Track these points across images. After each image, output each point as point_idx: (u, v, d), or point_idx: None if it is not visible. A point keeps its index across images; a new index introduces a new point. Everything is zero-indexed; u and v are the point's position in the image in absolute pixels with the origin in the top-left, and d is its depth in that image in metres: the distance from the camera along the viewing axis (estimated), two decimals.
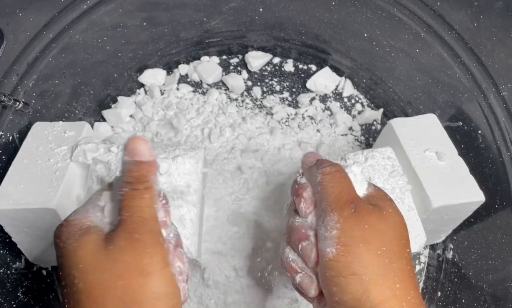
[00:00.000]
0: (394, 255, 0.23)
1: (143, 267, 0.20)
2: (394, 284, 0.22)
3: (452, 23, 0.42)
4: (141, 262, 0.21)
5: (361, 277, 0.22)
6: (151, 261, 0.21)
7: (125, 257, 0.21)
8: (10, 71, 0.38)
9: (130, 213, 0.22)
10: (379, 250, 0.22)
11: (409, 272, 0.23)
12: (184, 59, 0.58)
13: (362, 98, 0.57)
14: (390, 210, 0.25)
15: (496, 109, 0.39)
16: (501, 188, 0.38)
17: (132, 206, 0.22)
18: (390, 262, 0.22)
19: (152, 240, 0.21)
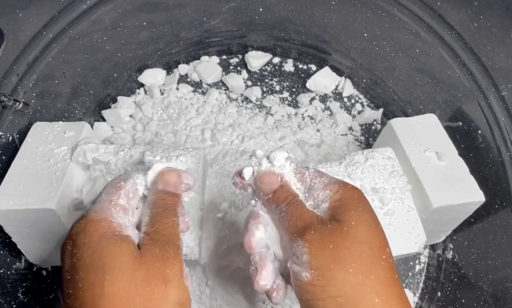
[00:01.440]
0: (367, 269, 0.22)
1: (166, 276, 0.22)
2: (372, 300, 0.21)
3: (452, 23, 0.42)
4: (166, 270, 0.22)
5: (336, 299, 0.22)
6: (172, 270, 0.23)
7: (156, 264, 0.22)
8: (10, 71, 0.38)
9: (162, 228, 0.24)
10: (351, 268, 0.22)
11: (389, 281, 0.22)
12: (184, 59, 0.58)
13: (362, 98, 0.57)
14: (353, 222, 0.23)
15: (496, 109, 0.39)
16: (501, 188, 0.38)
17: (164, 222, 0.25)
18: (365, 277, 0.22)
19: (175, 253, 0.24)
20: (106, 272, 0.21)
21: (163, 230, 0.24)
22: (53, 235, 0.36)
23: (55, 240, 0.37)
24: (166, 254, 0.23)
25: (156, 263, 0.22)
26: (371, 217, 0.24)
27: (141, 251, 0.23)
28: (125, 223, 0.25)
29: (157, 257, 0.23)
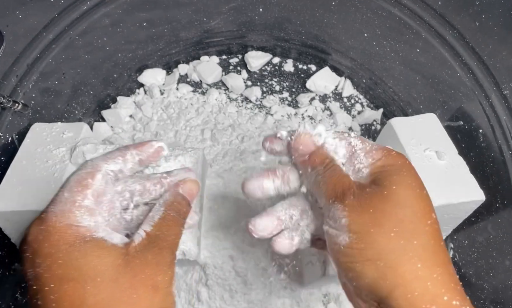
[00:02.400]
0: (410, 233, 0.21)
1: (155, 283, 0.21)
2: (414, 265, 0.20)
3: (453, 23, 0.42)
4: (157, 278, 0.21)
5: (375, 263, 0.21)
6: (163, 278, 0.22)
7: (146, 270, 0.21)
8: (10, 73, 0.38)
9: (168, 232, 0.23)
10: (392, 232, 0.21)
11: (433, 248, 0.21)
12: (183, 59, 0.58)
13: (362, 98, 0.56)
14: (394, 187, 0.22)
15: (497, 108, 0.39)
16: (502, 187, 0.38)
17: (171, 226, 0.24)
18: (407, 242, 0.21)
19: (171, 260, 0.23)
20: (86, 282, 0.20)
21: (168, 236, 0.23)
22: None
23: None
24: (162, 260, 0.22)
25: (146, 269, 0.21)
26: (415, 181, 0.23)
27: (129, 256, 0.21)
28: (95, 224, 0.23)
29: (148, 263, 0.21)
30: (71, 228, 0.21)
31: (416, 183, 0.23)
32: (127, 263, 0.21)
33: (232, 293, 0.39)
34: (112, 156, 0.25)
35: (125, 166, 0.26)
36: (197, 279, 0.39)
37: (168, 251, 0.23)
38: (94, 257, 0.21)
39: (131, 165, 0.26)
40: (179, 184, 0.26)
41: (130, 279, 0.21)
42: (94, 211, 0.23)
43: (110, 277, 0.20)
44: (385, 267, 0.20)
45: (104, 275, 0.20)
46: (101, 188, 0.24)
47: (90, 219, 0.22)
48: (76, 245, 0.21)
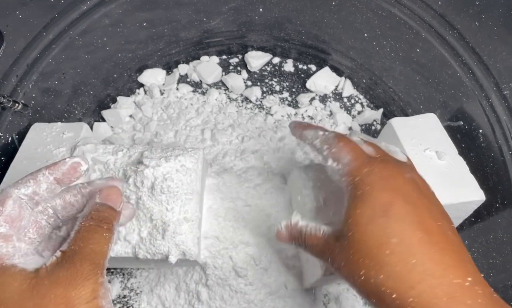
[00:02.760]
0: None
1: (69, 300, 0.20)
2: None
3: (453, 23, 0.42)
4: (70, 294, 0.20)
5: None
6: (79, 293, 0.20)
7: (55, 289, 0.20)
8: (10, 73, 0.38)
9: (84, 244, 0.22)
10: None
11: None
12: (183, 59, 0.58)
13: (362, 98, 0.56)
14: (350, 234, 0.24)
15: (497, 108, 0.39)
16: (502, 187, 0.38)
17: (90, 238, 0.23)
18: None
19: (89, 272, 0.21)
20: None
21: (84, 247, 0.22)
22: None
23: None
24: (77, 274, 0.21)
25: (56, 288, 0.20)
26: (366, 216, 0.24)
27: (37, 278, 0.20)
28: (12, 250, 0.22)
29: (58, 281, 0.20)
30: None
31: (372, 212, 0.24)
32: (34, 287, 0.20)
33: (232, 293, 0.39)
34: (23, 181, 0.25)
35: (39, 187, 0.25)
36: (197, 279, 0.39)
37: (85, 262, 0.21)
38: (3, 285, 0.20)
39: (45, 185, 0.25)
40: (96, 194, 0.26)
41: (37, 302, 0.20)
42: (11, 237, 0.22)
43: (15, 303, 0.20)
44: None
45: (8, 303, 0.20)
46: (14, 213, 0.23)
47: (6, 245, 0.22)
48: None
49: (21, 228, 0.23)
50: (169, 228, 0.32)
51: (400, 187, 0.24)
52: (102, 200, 0.25)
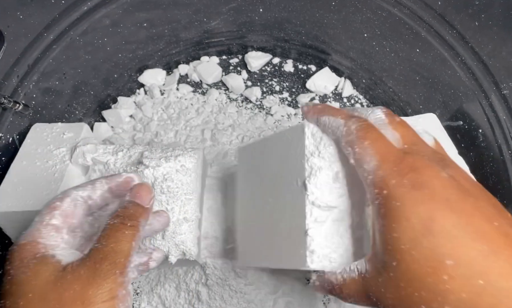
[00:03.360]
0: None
1: (86, 298, 0.20)
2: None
3: (453, 23, 0.42)
4: (87, 292, 0.20)
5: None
6: (96, 292, 0.21)
7: (75, 285, 0.21)
8: (11, 73, 0.38)
9: (106, 243, 0.22)
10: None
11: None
12: (184, 59, 0.58)
13: (361, 98, 0.56)
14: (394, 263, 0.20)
15: (497, 107, 0.39)
16: (502, 187, 0.38)
17: (111, 236, 0.23)
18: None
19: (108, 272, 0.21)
20: (20, 297, 0.20)
21: (106, 245, 0.22)
22: None
23: None
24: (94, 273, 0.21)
25: (75, 284, 0.20)
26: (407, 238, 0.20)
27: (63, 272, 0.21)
28: (55, 243, 0.23)
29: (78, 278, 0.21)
30: (30, 244, 0.22)
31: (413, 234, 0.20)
32: (58, 280, 0.21)
33: (232, 293, 0.39)
34: (82, 185, 0.26)
35: (94, 192, 0.26)
36: (197, 279, 0.39)
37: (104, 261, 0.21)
38: (33, 272, 0.21)
39: (100, 192, 0.26)
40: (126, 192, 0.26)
41: (57, 296, 0.20)
42: (62, 230, 0.24)
43: (40, 294, 0.20)
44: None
45: (35, 291, 0.20)
46: (69, 210, 0.24)
47: (56, 236, 0.23)
48: (25, 261, 0.21)
49: (72, 225, 0.25)
50: (169, 228, 0.32)
51: (438, 193, 0.19)
52: (132, 198, 0.26)
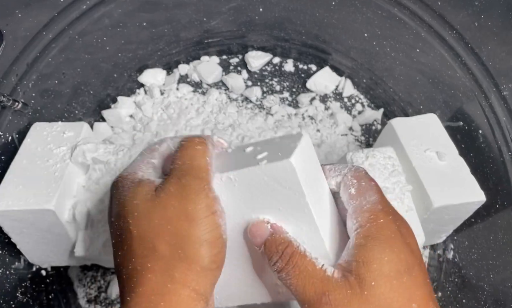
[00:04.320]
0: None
1: (188, 213, 0.21)
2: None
3: (453, 23, 0.42)
4: (187, 208, 0.21)
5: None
6: (195, 207, 0.21)
7: (173, 202, 0.21)
8: (10, 72, 0.38)
9: (182, 162, 0.23)
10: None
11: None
12: (184, 59, 0.58)
13: (362, 98, 0.56)
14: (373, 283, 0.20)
15: (497, 109, 0.39)
16: (502, 188, 0.38)
17: (184, 155, 0.23)
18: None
19: (197, 187, 0.22)
20: (128, 217, 0.22)
21: (183, 164, 0.23)
22: (52, 235, 0.36)
23: (55, 240, 0.37)
24: (183, 189, 0.22)
25: (173, 201, 0.21)
26: (394, 268, 0.20)
27: (156, 190, 0.22)
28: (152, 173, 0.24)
29: (171, 195, 0.22)
30: (132, 175, 0.24)
31: (395, 272, 0.20)
32: (154, 198, 0.22)
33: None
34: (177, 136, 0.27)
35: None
36: None
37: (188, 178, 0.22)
38: (132, 194, 0.23)
39: None
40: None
41: (161, 212, 0.21)
42: (158, 169, 0.25)
43: (143, 212, 0.22)
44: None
45: (138, 210, 0.22)
46: (166, 153, 0.26)
47: (153, 173, 0.25)
48: (128, 187, 0.23)
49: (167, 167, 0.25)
50: None
51: (416, 248, 0.22)
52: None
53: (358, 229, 0.22)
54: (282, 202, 0.22)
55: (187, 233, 0.21)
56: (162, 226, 0.21)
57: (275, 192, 0.22)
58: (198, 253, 0.21)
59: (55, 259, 0.39)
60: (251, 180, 0.22)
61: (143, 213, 0.22)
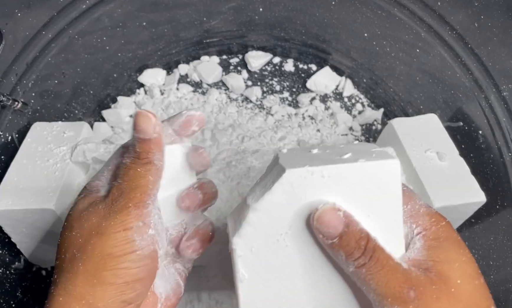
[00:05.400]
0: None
1: (100, 229, 0.21)
2: None
3: (453, 23, 0.42)
4: (101, 224, 0.22)
5: None
6: (108, 224, 0.22)
7: (93, 217, 0.22)
8: (9, 71, 0.38)
9: (121, 181, 0.23)
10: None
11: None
12: (184, 59, 0.58)
13: (362, 98, 0.57)
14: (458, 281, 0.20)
15: (497, 109, 0.39)
16: (502, 189, 0.38)
17: (125, 174, 0.23)
18: None
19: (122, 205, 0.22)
20: (62, 226, 0.24)
21: (122, 183, 0.23)
22: (52, 235, 0.36)
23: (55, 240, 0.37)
24: (110, 208, 0.22)
25: (93, 217, 0.22)
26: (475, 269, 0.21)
27: (91, 205, 0.23)
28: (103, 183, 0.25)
29: (97, 212, 0.22)
30: (90, 184, 0.25)
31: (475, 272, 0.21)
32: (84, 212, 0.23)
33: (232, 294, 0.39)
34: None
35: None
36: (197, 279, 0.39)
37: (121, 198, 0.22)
38: (75, 204, 0.24)
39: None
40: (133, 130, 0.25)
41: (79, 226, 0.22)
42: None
43: (70, 223, 0.23)
44: None
45: (68, 220, 0.23)
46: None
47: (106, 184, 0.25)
48: (78, 197, 0.25)
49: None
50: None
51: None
52: (136, 133, 0.24)
53: (424, 232, 0.22)
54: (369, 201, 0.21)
55: (92, 247, 0.21)
56: (75, 239, 0.22)
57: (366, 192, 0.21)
58: (96, 266, 0.21)
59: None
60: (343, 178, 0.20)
61: (69, 224, 0.22)
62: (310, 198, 0.20)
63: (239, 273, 0.21)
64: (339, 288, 0.22)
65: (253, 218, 0.21)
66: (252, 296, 0.21)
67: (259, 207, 0.21)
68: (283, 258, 0.21)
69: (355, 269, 0.20)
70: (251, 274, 0.21)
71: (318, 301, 0.22)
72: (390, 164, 0.20)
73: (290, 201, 0.21)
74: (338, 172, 0.20)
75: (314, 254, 0.21)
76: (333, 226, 0.20)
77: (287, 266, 0.21)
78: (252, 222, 0.21)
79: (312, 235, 0.21)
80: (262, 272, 0.21)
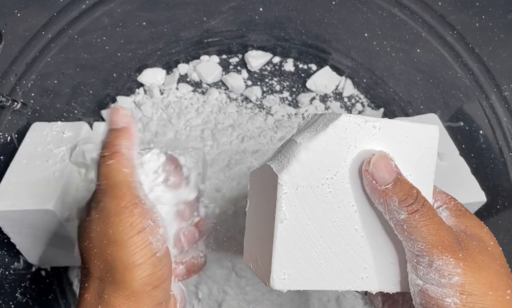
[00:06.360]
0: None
1: (110, 237, 0.21)
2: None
3: (453, 23, 0.42)
4: (107, 231, 0.21)
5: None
6: (116, 230, 0.21)
7: (95, 226, 0.21)
8: (9, 71, 0.38)
9: (99, 181, 0.22)
10: (508, 295, 0.20)
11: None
12: (183, 58, 0.58)
13: (362, 98, 0.56)
14: (491, 242, 0.21)
15: (497, 109, 0.39)
16: (503, 189, 0.38)
17: (100, 174, 0.22)
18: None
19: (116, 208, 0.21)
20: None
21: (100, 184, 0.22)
22: (52, 235, 0.36)
23: (54, 240, 0.37)
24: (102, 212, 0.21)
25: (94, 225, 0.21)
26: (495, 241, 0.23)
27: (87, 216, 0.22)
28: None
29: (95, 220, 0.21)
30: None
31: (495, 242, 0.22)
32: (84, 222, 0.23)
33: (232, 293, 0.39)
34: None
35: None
36: (197, 278, 0.39)
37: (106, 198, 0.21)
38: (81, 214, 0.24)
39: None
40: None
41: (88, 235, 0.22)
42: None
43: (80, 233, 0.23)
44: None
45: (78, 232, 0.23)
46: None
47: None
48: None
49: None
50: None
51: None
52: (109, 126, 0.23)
53: (444, 205, 0.23)
54: (408, 159, 0.22)
55: (111, 257, 0.20)
56: (90, 249, 0.21)
57: (408, 150, 0.22)
58: (124, 278, 0.20)
59: (55, 259, 0.39)
60: (392, 132, 0.22)
61: (80, 235, 0.22)
62: (360, 146, 0.21)
63: (280, 211, 0.21)
64: (376, 241, 0.22)
65: (304, 156, 0.20)
66: (288, 240, 0.21)
67: (311, 146, 0.21)
68: (324, 205, 0.21)
69: (407, 216, 0.20)
70: (291, 215, 0.21)
71: (352, 252, 0.22)
72: (432, 129, 0.23)
73: (341, 146, 0.21)
74: (388, 125, 0.21)
75: (355, 205, 0.22)
76: (388, 171, 0.20)
77: (326, 215, 0.21)
78: (302, 160, 0.21)
79: (356, 184, 0.21)
80: (301, 216, 0.21)
